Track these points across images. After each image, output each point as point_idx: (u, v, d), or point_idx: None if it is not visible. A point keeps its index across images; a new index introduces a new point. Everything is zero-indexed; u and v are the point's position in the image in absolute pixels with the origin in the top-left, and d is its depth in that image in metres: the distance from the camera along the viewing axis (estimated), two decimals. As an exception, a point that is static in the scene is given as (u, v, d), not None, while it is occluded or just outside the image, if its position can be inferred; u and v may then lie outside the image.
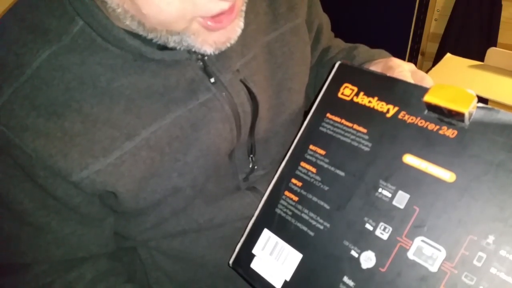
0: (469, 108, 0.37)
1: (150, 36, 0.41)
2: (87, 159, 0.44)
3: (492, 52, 1.04)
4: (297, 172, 0.48)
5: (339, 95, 0.48)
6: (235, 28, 0.43)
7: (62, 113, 0.43)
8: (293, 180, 0.48)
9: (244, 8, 0.44)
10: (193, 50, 0.43)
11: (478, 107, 0.38)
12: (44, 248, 0.50)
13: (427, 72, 1.02)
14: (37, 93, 0.42)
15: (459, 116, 0.38)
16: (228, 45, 0.43)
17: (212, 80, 0.49)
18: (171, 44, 0.42)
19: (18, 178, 0.46)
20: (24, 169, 0.44)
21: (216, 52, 0.43)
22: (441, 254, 0.37)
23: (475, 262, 0.35)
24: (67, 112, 0.43)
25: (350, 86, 0.47)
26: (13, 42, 0.43)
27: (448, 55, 1.10)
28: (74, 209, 0.49)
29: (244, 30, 0.52)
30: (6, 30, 0.44)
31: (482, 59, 1.08)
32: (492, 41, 1.77)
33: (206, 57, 0.49)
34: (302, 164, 0.48)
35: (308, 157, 0.48)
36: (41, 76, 0.42)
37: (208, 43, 0.42)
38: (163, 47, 0.44)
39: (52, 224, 0.49)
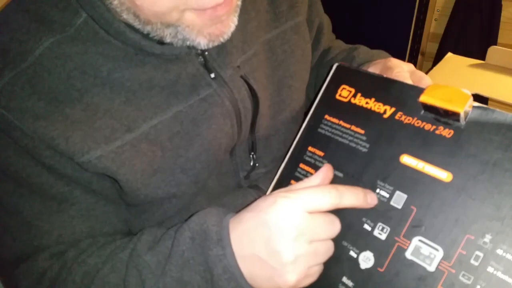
0: (465, 108, 0.37)
1: (146, 29, 0.41)
2: (89, 144, 0.44)
3: (493, 51, 1.04)
4: (296, 174, 0.48)
5: (337, 96, 0.48)
6: (230, 23, 0.43)
7: (63, 100, 0.43)
8: (293, 182, 0.48)
9: (240, 3, 0.44)
10: (188, 43, 0.43)
11: (473, 107, 0.39)
12: (69, 224, 0.48)
13: (428, 71, 1.02)
14: (39, 80, 0.42)
15: (455, 116, 0.38)
16: (222, 40, 0.44)
17: (212, 75, 0.50)
18: (167, 39, 0.42)
19: (28, 158, 0.45)
20: (28, 152, 0.44)
21: (210, 46, 0.43)
22: (439, 253, 0.37)
23: (472, 261, 0.35)
24: (67, 99, 0.43)
25: (347, 87, 0.48)
26: (16, 29, 0.43)
27: (449, 54, 1.10)
28: (88, 186, 0.48)
29: (245, 27, 0.52)
30: (9, 18, 0.44)
31: (482, 59, 1.08)
32: (492, 41, 1.77)
33: (206, 53, 0.49)
34: (301, 165, 0.48)
35: (307, 158, 0.48)
36: (43, 64, 0.42)
37: (203, 34, 0.42)
38: (163, 43, 0.44)
39: (76, 193, 0.48)
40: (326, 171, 0.44)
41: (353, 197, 0.41)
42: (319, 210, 0.40)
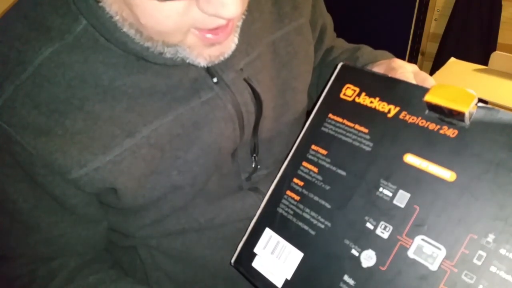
0: (469, 108, 0.37)
1: (146, 44, 0.41)
2: (86, 157, 0.44)
3: (496, 56, 1.04)
4: (299, 172, 0.48)
5: (341, 95, 0.48)
6: (230, 43, 0.44)
7: (63, 111, 0.43)
8: (295, 180, 0.48)
9: (240, 24, 0.45)
10: (187, 61, 0.43)
11: (478, 107, 0.39)
12: (32, 246, 0.52)
13: (430, 74, 1.02)
14: (39, 91, 0.42)
15: (459, 115, 0.38)
16: (222, 59, 0.44)
17: (215, 80, 0.49)
18: (167, 55, 0.42)
19: (14, 177, 0.46)
20: (24, 167, 0.45)
21: (210, 64, 0.44)
22: (441, 252, 0.37)
23: (475, 260, 0.36)
24: (68, 109, 0.43)
25: (352, 86, 0.48)
26: (15, 38, 0.43)
27: (452, 59, 1.10)
28: (70, 209, 0.50)
29: (248, 29, 0.52)
30: (9, 26, 0.44)
31: (482, 59, 1.08)
32: (492, 41, 1.77)
33: None
34: (304, 163, 0.48)
35: (310, 157, 0.48)
36: (42, 74, 0.42)
37: (203, 56, 0.42)
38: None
39: (42, 225, 0.50)
40: None
41: None
42: None
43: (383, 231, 0.41)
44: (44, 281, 0.52)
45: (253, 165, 0.59)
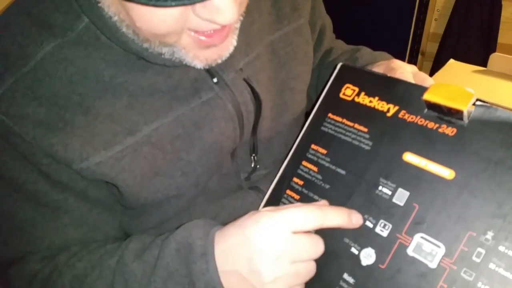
0: (468, 106, 0.38)
1: (144, 45, 0.42)
2: (88, 150, 0.44)
3: (495, 58, 1.03)
4: (299, 171, 0.49)
5: (341, 95, 0.48)
6: (228, 45, 0.44)
7: (64, 105, 0.43)
8: (295, 179, 0.49)
9: (238, 25, 0.45)
10: (185, 62, 0.43)
11: (477, 105, 0.39)
12: (62, 231, 0.50)
13: (430, 75, 1.02)
14: (39, 84, 0.42)
15: (458, 114, 0.39)
16: (219, 61, 0.44)
17: (215, 80, 0.50)
18: (165, 56, 0.42)
19: (24, 163, 0.45)
20: (26, 157, 0.44)
21: (207, 67, 0.44)
22: (441, 250, 0.37)
23: (474, 258, 0.36)
24: (68, 104, 0.43)
25: (351, 86, 0.48)
26: (17, 34, 0.43)
27: (451, 60, 1.10)
28: (81, 193, 0.49)
29: (248, 29, 0.53)
30: (11, 22, 0.44)
31: (482, 60, 1.08)
32: (492, 41, 1.77)
33: None
34: (304, 163, 0.49)
35: (309, 156, 0.48)
36: (44, 68, 0.42)
37: (199, 58, 0.42)
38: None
39: (70, 201, 0.48)
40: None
41: (337, 217, 0.41)
42: (302, 231, 0.40)
43: (383, 229, 0.41)
44: (64, 264, 0.49)
45: (252, 165, 0.60)
